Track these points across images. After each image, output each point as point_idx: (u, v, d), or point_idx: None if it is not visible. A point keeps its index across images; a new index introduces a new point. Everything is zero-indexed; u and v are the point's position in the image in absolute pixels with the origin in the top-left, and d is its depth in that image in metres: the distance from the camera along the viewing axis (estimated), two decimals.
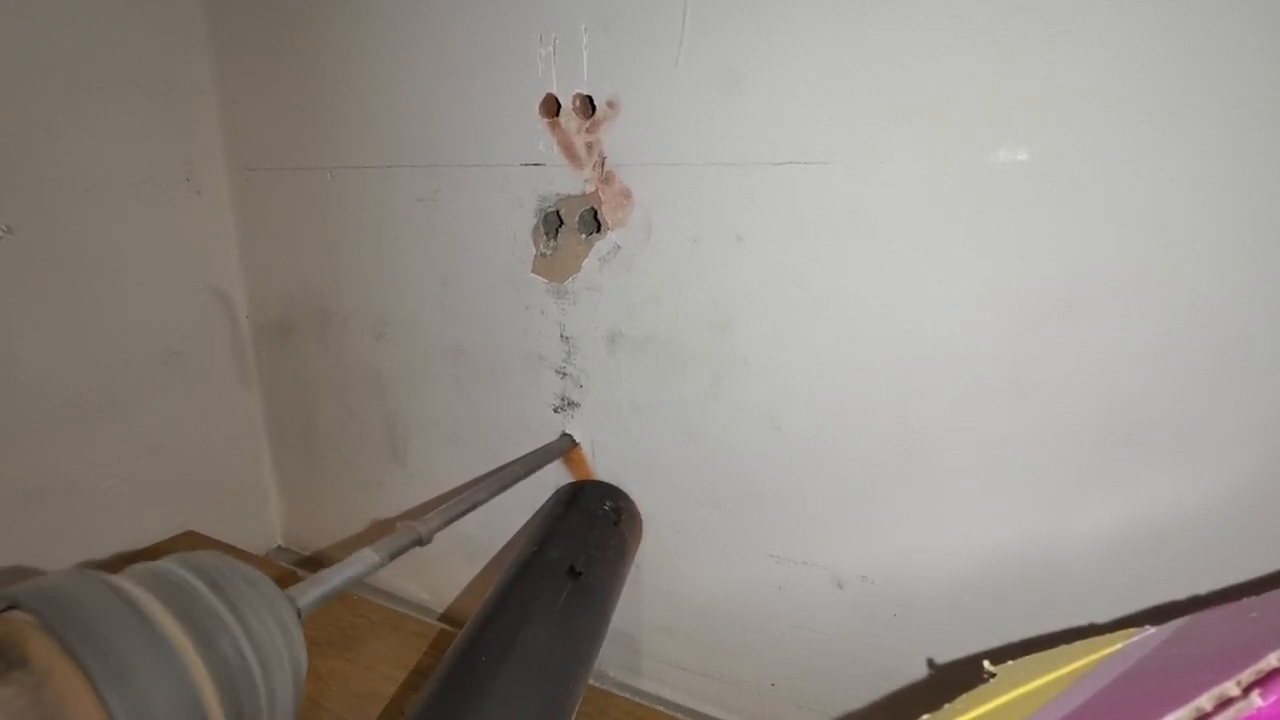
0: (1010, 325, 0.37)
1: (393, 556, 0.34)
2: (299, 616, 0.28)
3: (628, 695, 0.55)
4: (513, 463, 0.47)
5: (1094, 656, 0.31)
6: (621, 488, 0.51)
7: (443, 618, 0.64)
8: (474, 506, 0.42)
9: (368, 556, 0.33)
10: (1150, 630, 0.31)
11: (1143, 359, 0.35)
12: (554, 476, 0.53)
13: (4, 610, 0.23)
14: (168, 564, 0.26)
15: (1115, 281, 0.34)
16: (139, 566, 0.26)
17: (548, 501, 0.51)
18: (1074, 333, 0.36)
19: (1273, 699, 0.20)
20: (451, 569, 0.62)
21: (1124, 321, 0.34)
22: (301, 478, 0.71)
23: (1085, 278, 0.35)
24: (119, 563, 0.27)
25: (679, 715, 0.53)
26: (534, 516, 0.52)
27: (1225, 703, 0.20)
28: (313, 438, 0.68)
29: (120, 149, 0.57)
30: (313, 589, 0.30)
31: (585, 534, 0.45)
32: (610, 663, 0.56)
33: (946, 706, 0.30)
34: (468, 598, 0.63)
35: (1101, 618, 0.38)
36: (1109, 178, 0.33)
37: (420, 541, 0.37)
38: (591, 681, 0.56)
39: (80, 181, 0.54)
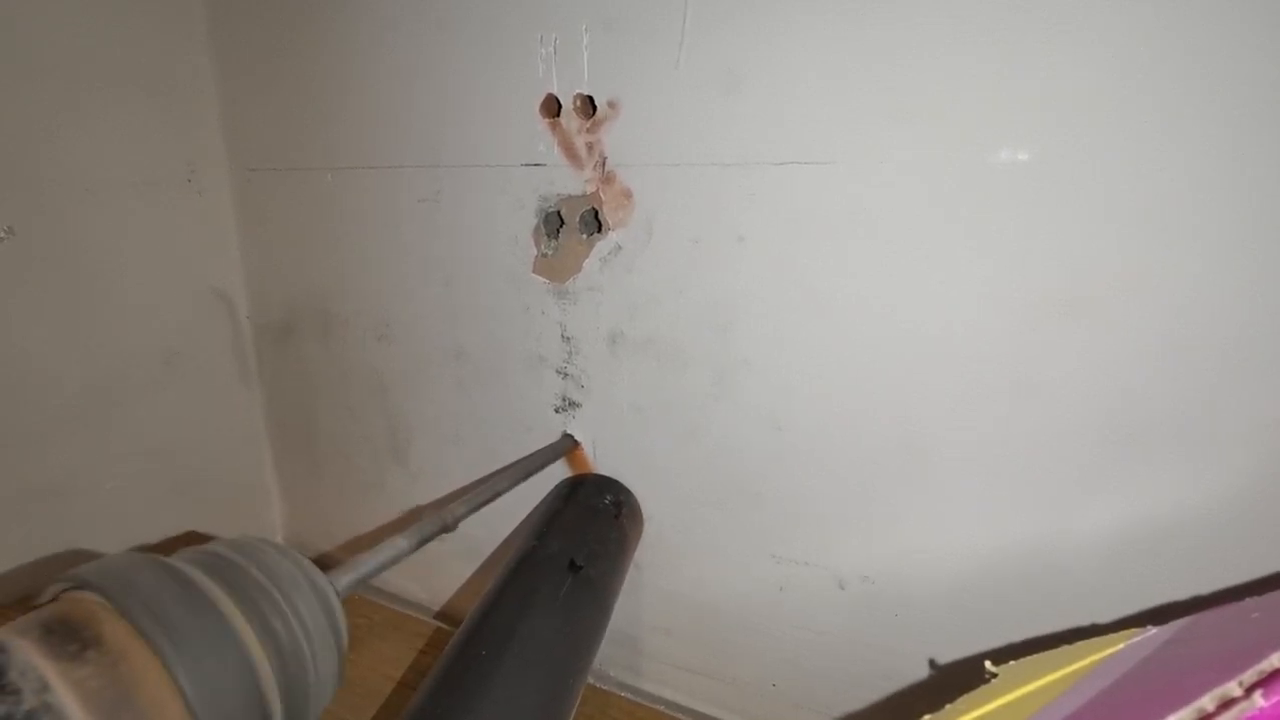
0: (1011, 325, 0.37)
1: (421, 543, 0.35)
2: (338, 598, 0.29)
3: (628, 695, 0.55)
4: (514, 463, 0.47)
5: (1096, 657, 0.31)
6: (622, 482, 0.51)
7: (443, 617, 0.64)
8: (496, 495, 0.43)
9: (397, 544, 0.34)
10: (1152, 630, 0.31)
11: (1144, 358, 0.35)
12: (553, 471, 0.52)
13: (69, 590, 0.24)
14: (217, 547, 0.27)
15: (1116, 281, 0.34)
16: (190, 550, 0.27)
17: (548, 495, 0.51)
18: (1075, 332, 0.36)
19: (1275, 699, 0.20)
20: (450, 567, 0.62)
21: (1125, 321, 0.34)
22: (303, 478, 0.71)
23: (1086, 277, 0.35)
24: None
25: (680, 715, 0.53)
26: (534, 511, 0.52)
27: (1227, 703, 0.20)
28: (314, 438, 0.68)
29: (121, 149, 0.57)
30: (349, 573, 0.31)
31: (586, 528, 0.45)
32: (611, 663, 0.56)
33: (948, 707, 0.30)
34: (468, 596, 0.63)
35: (1103, 618, 0.38)
36: (1109, 178, 0.33)
37: (447, 529, 0.37)
38: (592, 681, 0.56)
39: (81, 182, 0.54)
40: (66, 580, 0.24)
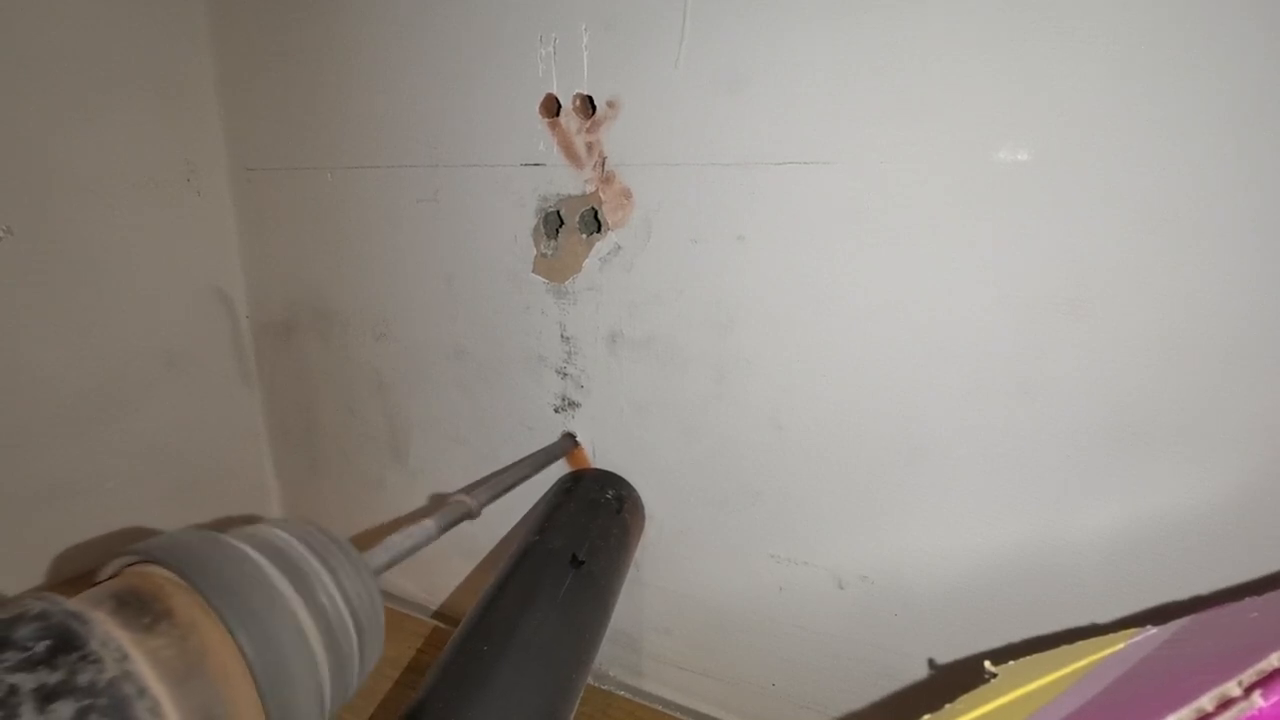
0: (1011, 324, 0.37)
1: (446, 528, 0.36)
2: (374, 576, 0.31)
3: (628, 695, 0.55)
4: (519, 460, 0.47)
5: (1095, 657, 0.31)
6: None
7: (441, 616, 0.64)
8: (518, 482, 0.44)
9: (425, 528, 0.35)
10: (1152, 630, 0.31)
11: (1147, 357, 0.34)
12: (553, 468, 0.52)
13: (134, 564, 0.25)
14: (263, 528, 0.29)
15: (1116, 280, 0.34)
16: (240, 529, 0.28)
17: (549, 491, 0.51)
18: (1075, 332, 0.36)
19: (1274, 699, 0.20)
20: (449, 566, 0.62)
21: (1126, 321, 0.34)
22: (303, 477, 0.71)
23: (1089, 276, 0.35)
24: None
25: (680, 715, 0.53)
26: (535, 506, 0.52)
27: (1227, 703, 0.20)
28: (314, 437, 0.68)
29: (122, 149, 0.57)
30: (382, 554, 0.33)
31: (587, 523, 0.45)
32: (611, 662, 0.56)
33: (947, 707, 0.30)
34: (466, 595, 0.63)
35: (1103, 617, 0.38)
36: (1110, 177, 0.33)
37: (471, 514, 0.39)
38: (592, 681, 0.56)
39: (81, 182, 0.54)
40: (131, 554, 0.25)
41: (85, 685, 0.20)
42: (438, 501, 0.61)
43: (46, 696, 0.19)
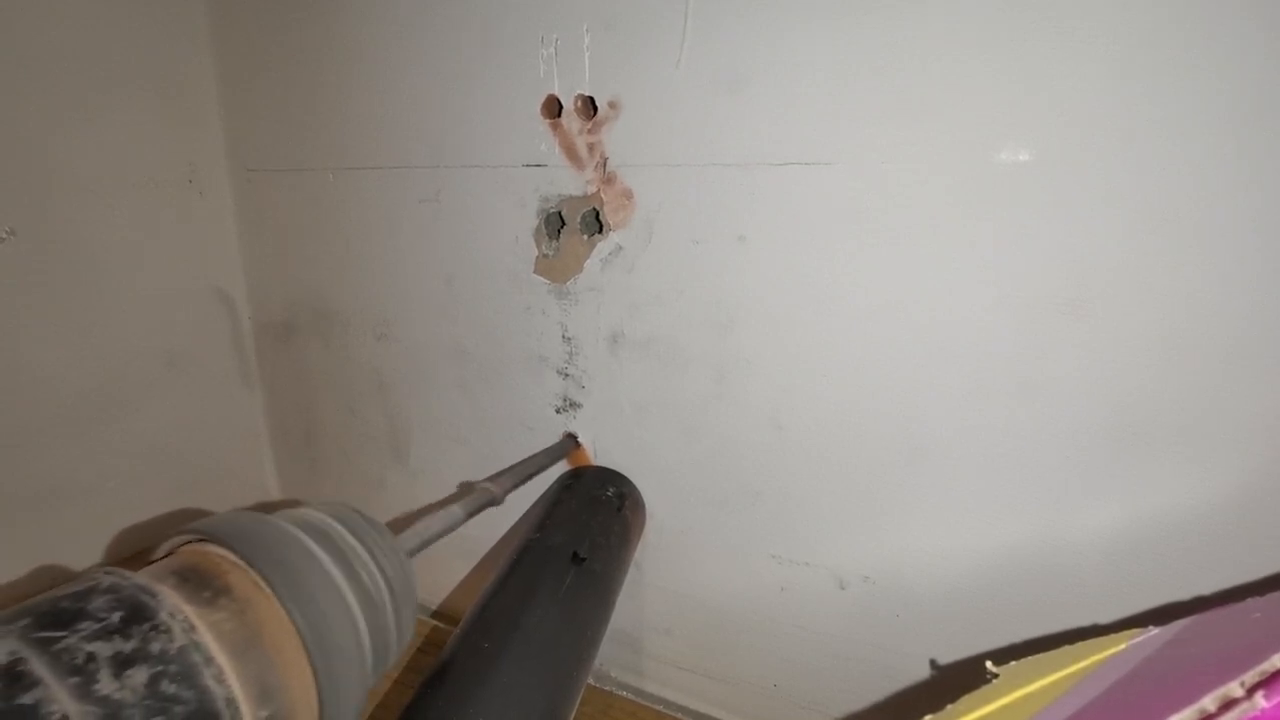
0: (1012, 324, 0.37)
1: (472, 514, 0.38)
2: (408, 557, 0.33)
3: (630, 695, 0.55)
4: (525, 459, 0.47)
5: (1097, 657, 0.31)
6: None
7: (441, 616, 0.64)
8: (538, 471, 0.45)
9: (453, 513, 0.37)
10: (1153, 631, 0.31)
11: (1148, 357, 0.35)
12: (554, 467, 0.52)
13: (190, 543, 0.27)
14: (307, 510, 0.30)
15: (1119, 279, 0.34)
16: (285, 511, 0.30)
17: (550, 488, 0.51)
18: (1076, 332, 0.36)
19: (1276, 700, 0.20)
20: (448, 566, 0.62)
21: (1126, 321, 0.34)
22: (304, 477, 0.71)
23: (1089, 276, 0.35)
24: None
25: (681, 716, 0.53)
26: (536, 503, 0.52)
27: (1229, 704, 0.20)
28: (315, 437, 0.68)
29: (123, 150, 0.57)
30: (415, 538, 0.34)
31: (589, 520, 0.45)
32: (612, 663, 0.56)
33: (949, 707, 0.30)
34: (465, 594, 0.63)
35: (1105, 618, 0.38)
36: (1110, 178, 0.33)
37: (494, 501, 0.40)
38: (593, 682, 0.56)
39: (83, 183, 0.54)
40: (187, 534, 0.27)
41: (157, 653, 0.21)
42: (463, 489, 0.61)
43: (123, 663, 0.21)
